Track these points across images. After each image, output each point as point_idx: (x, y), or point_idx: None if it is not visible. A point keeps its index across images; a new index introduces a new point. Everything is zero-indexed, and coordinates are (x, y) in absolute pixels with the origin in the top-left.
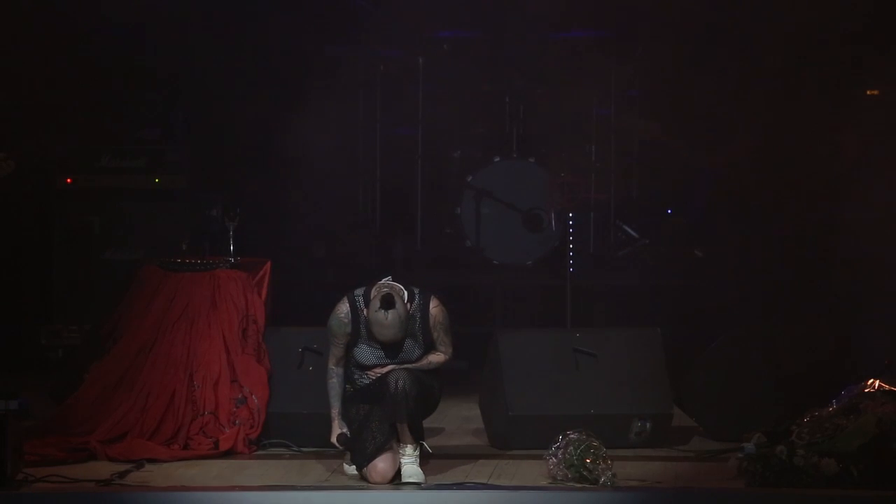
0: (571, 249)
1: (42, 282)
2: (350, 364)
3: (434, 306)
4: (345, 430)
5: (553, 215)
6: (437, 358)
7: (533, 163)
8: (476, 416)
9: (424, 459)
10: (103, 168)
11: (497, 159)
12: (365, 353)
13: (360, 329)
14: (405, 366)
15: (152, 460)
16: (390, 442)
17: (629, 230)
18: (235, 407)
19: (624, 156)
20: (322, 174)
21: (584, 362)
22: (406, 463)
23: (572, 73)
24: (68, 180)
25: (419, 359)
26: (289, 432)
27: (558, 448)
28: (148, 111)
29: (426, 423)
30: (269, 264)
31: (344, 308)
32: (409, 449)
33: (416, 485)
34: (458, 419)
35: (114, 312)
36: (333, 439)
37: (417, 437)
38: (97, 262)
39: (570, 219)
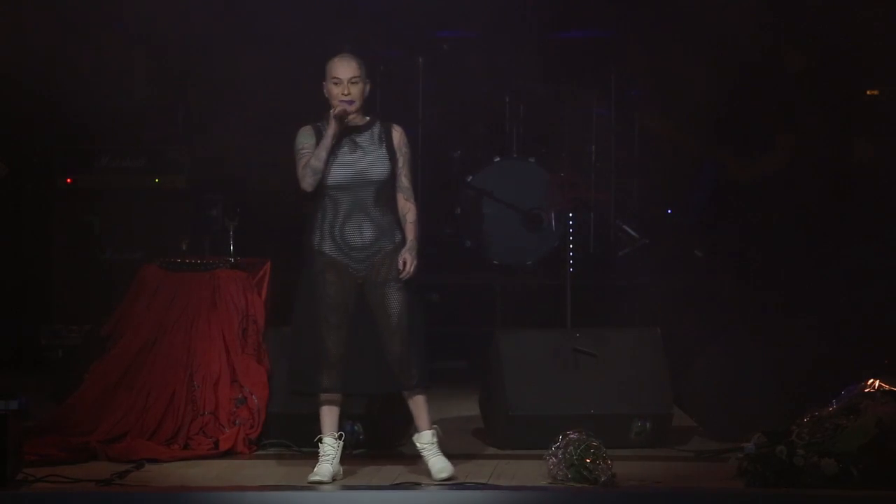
0: (571, 249)
1: (42, 282)
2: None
3: (395, 127)
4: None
5: (553, 215)
6: (412, 215)
7: (533, 163)
8: (476, 416)
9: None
10: (103, 168)
11: (497, 159)
12: (331, 168)
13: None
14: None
15: (152, 460)
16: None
17: (629, 230)
18: (235, 407)
19: (624, 156)
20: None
21: (584, 362)
22: (430, 455)
23: (572, 73)
24: (68, 180)
25: (385, 176)
26: (289, 432)
27: (558, 448)
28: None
29: None
30: (269, 264)
31: (307, 126)
32: (426, 436)
33: (450, 479)
34: (458, 419)
35: (114, 312)
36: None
37: (426, 379)
38: (97, 262)
39: (570, 219)
